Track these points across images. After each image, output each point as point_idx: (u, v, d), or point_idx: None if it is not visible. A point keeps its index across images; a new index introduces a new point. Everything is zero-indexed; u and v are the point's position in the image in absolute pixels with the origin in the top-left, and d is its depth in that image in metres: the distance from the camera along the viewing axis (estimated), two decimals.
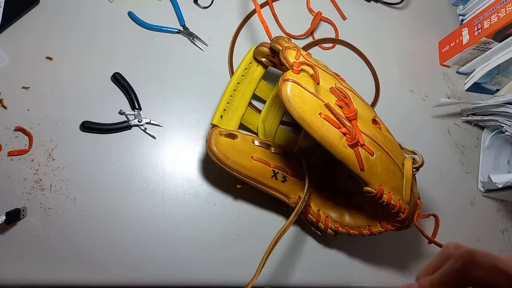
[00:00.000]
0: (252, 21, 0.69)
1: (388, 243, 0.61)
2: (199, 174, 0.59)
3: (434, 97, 0.72)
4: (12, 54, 0.59)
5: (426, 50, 0.75)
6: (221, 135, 0.50)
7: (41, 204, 0.54)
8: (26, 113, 0.57)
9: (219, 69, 0.65)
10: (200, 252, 0.56)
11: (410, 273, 0.61)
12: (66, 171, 0.55)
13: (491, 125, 0.68)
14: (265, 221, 0.58)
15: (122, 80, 0.60)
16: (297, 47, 0.46)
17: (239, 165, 0.50)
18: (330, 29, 0.72)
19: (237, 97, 0.56)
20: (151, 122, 0.59)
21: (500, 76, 0.69)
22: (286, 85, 0.41)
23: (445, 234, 0.60)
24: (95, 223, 0.54)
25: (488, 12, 0.65)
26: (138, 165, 0.57)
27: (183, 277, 0.54)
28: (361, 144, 0.42)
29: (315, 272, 0.58)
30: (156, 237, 0.55)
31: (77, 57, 0.61)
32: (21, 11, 0.61)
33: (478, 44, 0.66)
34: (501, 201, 0.68)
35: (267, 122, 0.60)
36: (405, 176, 0.46)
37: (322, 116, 0.41)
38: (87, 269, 0.52)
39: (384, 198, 0.44)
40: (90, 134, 0.57)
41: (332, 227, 0.53)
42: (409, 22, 0.76)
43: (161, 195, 0.57)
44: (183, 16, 0.66)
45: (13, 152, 0.55)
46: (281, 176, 0.52)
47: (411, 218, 0.48)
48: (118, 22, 0.64)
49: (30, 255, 0.52)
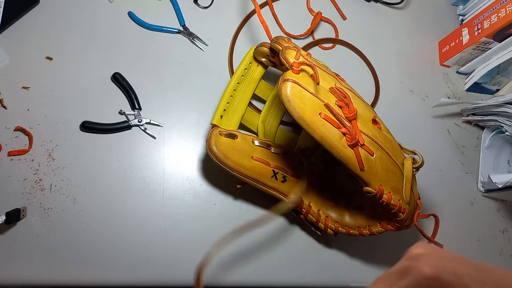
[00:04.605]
0: (252, 21, 0.69)
1: (388, 243, 0.61)
2: (199, 174, 0.59)
3: (434, 97, 0.72)
4: (12, 54, 0.59)
5: (426, 50, 0.75)
6: (221, 135, 0.50)
7: (41, 204, 0.54)
8: (26, 113, 0.57)
9: (219, 69, 0.65)
10: (200, 252, 0.55)
11: None
12: (66, 171, 0.55)
13: (491, 125, 0.68)
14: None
15: (122, 80, 0.60)
16: (297, 47, 0.46)
17: (239, 165, 0.50)
18: (330, 29, 0.72)
19: (237, 97, 0.56)
20: (151, 122, 0.59)
21: (500, 76, 0.69)
22: (286, 85, 0.41)
23: (445, 234, 0.60)
24: (95, 223, 0.54)
25: (488, 12, 0.65)
26: (138, 165, 0.57)
27: (183, 277, 0.54)
28: (361, 144, 0.42)
29: (315, 272, 0.58)
30: (156, 237, 0.55)
31: (77, 57, 0.61)
32: (21, 11, 0.61)
33: (478, 44, 0.66)
34: (501, 201, 0.68)
35: (267, 122, 0.60)
36: (405, 176, 0.46)
37: (322, 116, 0.41)
38: (87, 269, 0.52)
39: (384, 198, 0.44)
40: (90, 134, 0.57)
41: (332, 227, 0.53)
42: (409, 22, 0.76)
43: (161, 195, 0.57)
44: (183, 16, 0.66)
45: (13, 152, 0.55)
46: (281, 176, 0.52)
47: (411, 218, 0.48)
48: (118, 22, 0.64)
49: (30, 255, 0.52)
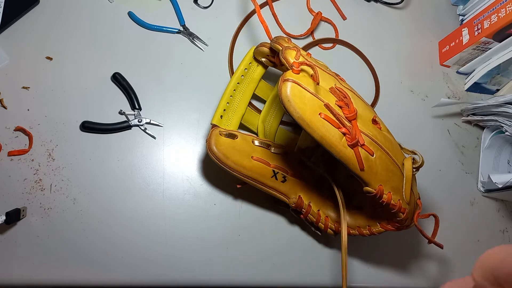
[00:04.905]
0: (252, 21, 0.69)
1: (388, 243, 0.61)
2: (199, 174, 0.59)
3: (434, 97, 0.72)
4: (12, 54, 0.59)
5: (426, 50, 0.75)
6: (221, 135, 0.50)
7: (41, 204, 0.54)
8: (26, 113, 0.57)
9: (219, 69, 0.65)
10: (200, 252, 0.56)
11: (410, 273, 0.61)
12: (66, 171, 0.55)
13: (491, 125, 0.68)
14: (265, 221, 0.58)
15: (122, 80, 0.60)
16: (297, 47, 0.46)
17: (239, 165, 0.50)
18: (330, 29, 0.72)
19: (237, 97, 0.56)
20: (151, 122, 0.59)
21: (500, 76, 0.69)
22: (286, 85, 0.41)
23: (445, 234, 0.60)
24: (95, 223, 0.54)
25: (488, 12, 0.65)
26: (138, 165, 0.57)
27: (183, 277, 0.54)
28: (361, 144, 0.42)
29: (315, 272, 0.58)
30: (156, 237, 0.55)
31: (77, 57, 0.61)
32: (21, 11, 0.61)
33: (478, 44, 0.66)
34: (501, 201, 0.68)
35: (267, 122, 0.60)
36: (405, 176, 0.46)
37: (322, 116, 0.41)
38: (87, 269, 0.52)
39: (384, 198, 0.44)
40: (90, 134, 0.57)
41: (332, 227, 0.53)
42: (409, 22, 0.76)
43: (161, 195, 0.57)
44: (183, 16, 0.66)
45: (13, 152, 0.55)
46: (281, 176, 0.52)
47: (411, 218, 0.48)
48: (118, 22, 0.64)
49: (30, 255, 0.52)
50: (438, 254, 0.62)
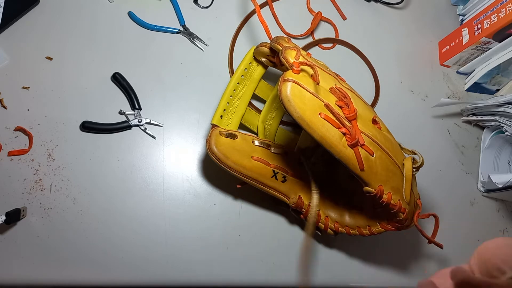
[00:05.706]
0: (252, 21, 0.69)
1: (388, 243, 0.61)
2: (199, 174, 0.59)
3: (434, 97, 0.72)
4: (12, 54, 0.59)
5: (426, 50, 0.75)
6: (221, 135, 0.50)
7: (41, 204, 0.54)
8: (26, 113, 0.57)
9: (219, 69, 0.65)
10: (200, 252, 0.56)
11: (410, 273, 0.61)
12: (66, 171, 0.55)
13: (491, 125, 0.68)
14: (265, 221, 0.58)
15: (122, 80, 0.60)
16: (297, 47, 0.46)
17: (239, 165, 0.50)
18: (330, 29, 0.72)
19: (237, 97, 0.56)
20: (151, 122, 0.59)
21: (500, 76, 0.69)
22: (286, 85, 0.41)
23: (445, 234, 0.60)
24: (95, 223, 0.54)
25: (488, 12, 0.65)
26: (138, 165, 0.57)
27: (183, 277, 0.54)
28: (361, 144, 0.42)
29: (315, 272, 0.58)
30: (156, 237, 0.55)
31: (77, 57, 0.61)
32: (21, 11, 0.61)
33: (478, 44, 0.66)
34: (501, 201, 0.68)
35: (267, 122, 0.60)
36: (405, 176, 0.46)
37: (322, 116, 0.41)
38: (87, 269, 0.52)
39: (384, 198, 0.44)
40: (90, 134, 0.57)
41: (332, 227, 0.53)
42: (409, 22, 0.76)
43: (161, 195, 0.57)
44: (183, 16, 0.66)
45: (13, 152, 0.55)
46: (281, 176, 0.52)
47: (411, 218, 0.48)
48: (118, 22, 0.64)
49: (30, 255, 0.52)
50: (438, 254, 0.62)
